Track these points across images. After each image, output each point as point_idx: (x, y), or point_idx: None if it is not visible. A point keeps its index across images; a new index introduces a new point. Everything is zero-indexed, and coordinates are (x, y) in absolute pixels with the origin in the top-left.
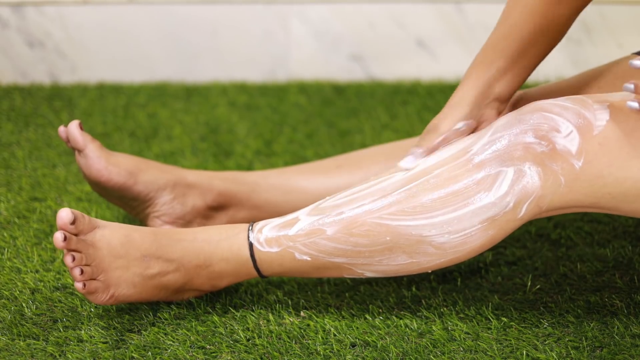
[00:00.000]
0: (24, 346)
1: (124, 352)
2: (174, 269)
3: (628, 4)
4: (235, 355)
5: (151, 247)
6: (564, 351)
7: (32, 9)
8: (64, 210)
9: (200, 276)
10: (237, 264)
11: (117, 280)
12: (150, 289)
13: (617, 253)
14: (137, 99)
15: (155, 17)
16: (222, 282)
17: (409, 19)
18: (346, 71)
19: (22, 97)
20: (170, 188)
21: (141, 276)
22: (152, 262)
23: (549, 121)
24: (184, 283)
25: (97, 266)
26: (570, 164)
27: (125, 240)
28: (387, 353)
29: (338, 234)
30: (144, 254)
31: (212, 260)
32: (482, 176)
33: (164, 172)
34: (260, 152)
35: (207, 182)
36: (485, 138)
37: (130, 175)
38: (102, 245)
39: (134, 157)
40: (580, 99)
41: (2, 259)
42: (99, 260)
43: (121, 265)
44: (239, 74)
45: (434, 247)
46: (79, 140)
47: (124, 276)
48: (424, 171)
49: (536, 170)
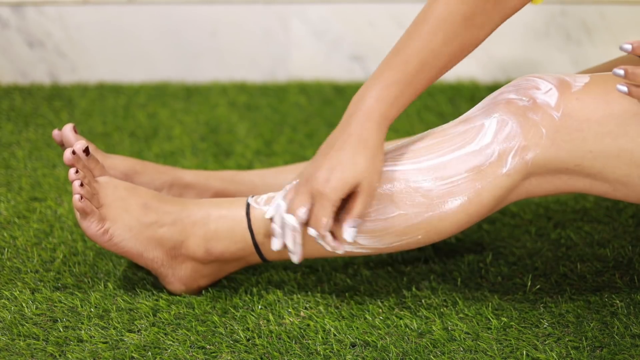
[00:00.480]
0: (24, 346)
1: (123, 352)
2: (171, 222)
3: (628, 4)
4: (235, 355)
5: (153, 198)
6: (564, 351)
7: (32, 9)
8: (80, 142)
9: (196, 235)
10: (232, 222)
11: (114, 217)
12: (145, 239)
13: (617, 253)
14: (137, 99)
15: (155, 17)
16: (218, 245)
17: (409, 19)
18: (346, 71)
19: (22, 97)
20: (167, 189)
21: (138, 221)
22: (151, 210)
23: (530, 82)
24: (179, 242)
25: (97, 199)
26: (550, 115)
27: (130, 187)
28: (387, 353)
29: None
30: (145, 202)
31: (209, 219)
32: (466, 128)
33: (160, 172)
34: (260, 152)
35: (204, 181)
36: (474, 110)
37: (126, 178)
38: (108, 185)
39: (129, 159)
40: (565, 74)
41: (2, 259)
42: (102, 194)
43: (121, 206)
44: (239, 74)
45: (421, 194)
46: (73, 143)
47: (121, 215)
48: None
49: (517, 120)
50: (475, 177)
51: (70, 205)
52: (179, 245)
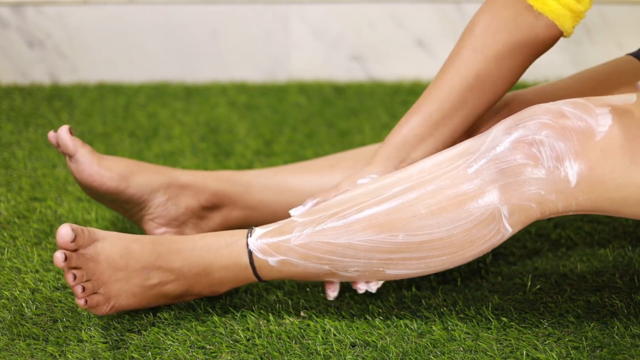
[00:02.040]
0: (24, 346)
1: (123, 352)
2: (174, 279)
3: (628, 4)
4: (235, 355)
5: (150, 257)
6: (563, 351)
7: (32, 9)
8: (64, 228)
9: (200, 283)
10: (237, 270)
11: (117, 292)
12: (151, 297)
13: (617, 253)
14: (137, 99)
15: (155, 17)
16: (222, 288)
17: (409, 19)
18: (346, 71)
19: (22, 97)
20: (164, 190)
21: (141, 287)
22: (151, 272)
23: (545, 147)
24: (184, 290)
25: (97, 280)
26: (569, 194)
27: (125, 252)
28: (387, 353)
29: (337, 240)
30: (144, 265)
31: (212, 268)
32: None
33: (157, 173)
34: (260, 152)
35: (200, 182)
36: (484, 145)
37: (122, 179)
38: (102, 259)
39: (125, 160)
40: (582, 104)
41: (2, 259)
42: (99, 273)
43: (121, 278)
44: (239, 74)
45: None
46: (69, 145)
47: (124, 288)
48: (422, 172)
49: (536, 203)
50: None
51: (70, 205)
52: (184, 294)
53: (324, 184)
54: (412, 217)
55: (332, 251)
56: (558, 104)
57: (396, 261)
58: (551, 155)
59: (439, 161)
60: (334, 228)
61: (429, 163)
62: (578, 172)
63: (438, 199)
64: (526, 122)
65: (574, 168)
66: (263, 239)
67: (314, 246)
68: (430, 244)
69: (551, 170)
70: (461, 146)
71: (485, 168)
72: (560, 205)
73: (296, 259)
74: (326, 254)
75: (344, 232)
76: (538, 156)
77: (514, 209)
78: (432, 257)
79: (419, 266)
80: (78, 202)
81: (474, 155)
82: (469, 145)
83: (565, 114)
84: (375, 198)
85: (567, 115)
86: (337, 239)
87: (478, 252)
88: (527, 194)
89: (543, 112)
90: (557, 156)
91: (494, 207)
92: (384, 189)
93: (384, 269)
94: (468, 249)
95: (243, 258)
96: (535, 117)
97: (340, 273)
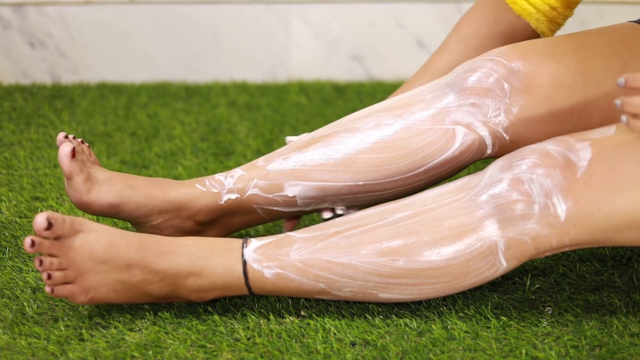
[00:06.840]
0: (25, 345)
1: (124, 350)
2: (158, 280)
3: (627, 4)
4: (236, 354)
5: (136, 255)
6: (563, 350)
7: (34, 9)
8: (40, 216)
9: (187, 288)
10: (228, 280)
11: (97, 284)
12: (133, 294)
13: (616, 252)
14: (137, 99)
15: (156, 17)
16: (209, 295)
17: (409, 19)
18: (346, 71)
19: (23, 97)
20: (157, 214)
21: (123, 283)
22: (135, 270)
23: (535, 185)
24: (169, 292)
25: (76, 270)
26: (561, 229)
27: (109, 246)
28: (386, 352)
29: (338, 259)
30: (127, 262)
31: (202, 274)
32: (479, 245)
33: (149, 198)
34: (260, 151)
35: (194, 202)
36: (483, 182)
37: (111, 208)
38: (83, 250)
39: (118, 184)
40: (565, 141)
41: (3, 258)
42: (79, 264)
43: (102, 270)
44: (239, 73)
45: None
46: (66, 170)
47: (104, 281)
48: (424, 201)
49: (530, 238)
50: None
51: (71, 205)
52: (168, 296)
53: (306, 158)
54: (415, 243)
55: (331, 269)
56: (543, 144)
57: (392, 286)
58: (541, 192)
59: (440, 192)
60: (337, 247)
61: (431, 194)
62: (565, 207)
63: (441, 228)
64: (517, 162)
65: (562, 203)
66: (260, 251)
67: (314, 263)
68: (428, 272)
69: (542, 206)
70: (460, 181)
71: (484, 202)
72: (554, 240)
73: (293, 274)
74: (324, 271)
75: (347, 251)
76: (530, 193)
77: (510, 243)
78: (427, 284)
79: (412, 292)
80: None
81: (473, 190)
82: (469, 180)
83: (549, 152)
84: (378, 222)
85: (551, 153)
86: (338, 257)
87: (471, 283)
88: (521, 228)
89: (530, 153)
90: (546, 193)
91: (491, 240)
92: (386, 213)
93: (377, 292)
94: (463, 279)
95: (236, 267)
96: (525, 157)
97: (333, 292)
